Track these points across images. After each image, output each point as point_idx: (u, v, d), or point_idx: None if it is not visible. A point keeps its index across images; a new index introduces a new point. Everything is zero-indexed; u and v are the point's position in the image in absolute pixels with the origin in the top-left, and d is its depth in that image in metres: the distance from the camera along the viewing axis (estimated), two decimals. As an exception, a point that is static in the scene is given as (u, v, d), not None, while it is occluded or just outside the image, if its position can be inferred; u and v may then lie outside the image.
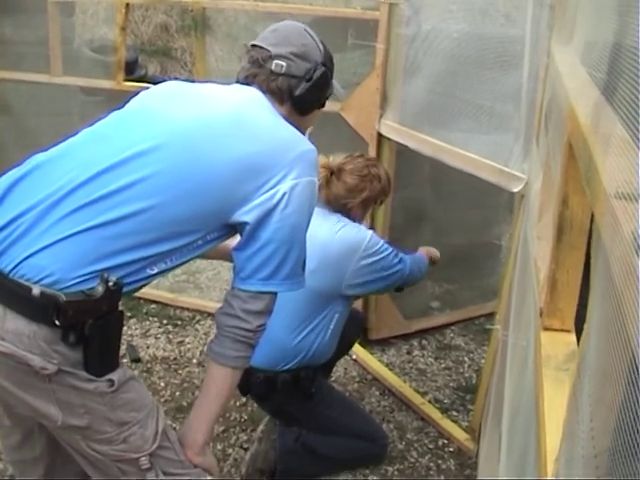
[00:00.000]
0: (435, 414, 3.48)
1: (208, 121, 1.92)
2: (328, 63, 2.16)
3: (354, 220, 2.93)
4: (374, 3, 3.51)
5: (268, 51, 2.07)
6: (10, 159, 4.55)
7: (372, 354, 3.98)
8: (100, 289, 1.74)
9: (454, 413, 3.55)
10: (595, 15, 1.44)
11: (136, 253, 1.80)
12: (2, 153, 4.61)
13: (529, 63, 2.67)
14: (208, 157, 1.85)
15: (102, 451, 1.88)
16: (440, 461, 3.21)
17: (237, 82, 2.11)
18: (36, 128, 4.74)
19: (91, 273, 1.75)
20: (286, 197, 1.86)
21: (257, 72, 2.07)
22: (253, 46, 2.11)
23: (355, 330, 3.38)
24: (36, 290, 1.71)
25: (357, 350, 3.91)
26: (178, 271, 1.72)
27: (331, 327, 2.89)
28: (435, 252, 3.29)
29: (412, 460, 3.20)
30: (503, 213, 4.47)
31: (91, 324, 1.74)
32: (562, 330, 1.57)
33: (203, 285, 4.76)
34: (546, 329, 1.57)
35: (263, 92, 2.06)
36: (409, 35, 3.38)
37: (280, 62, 2.05)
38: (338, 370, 3.77)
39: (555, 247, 1.52)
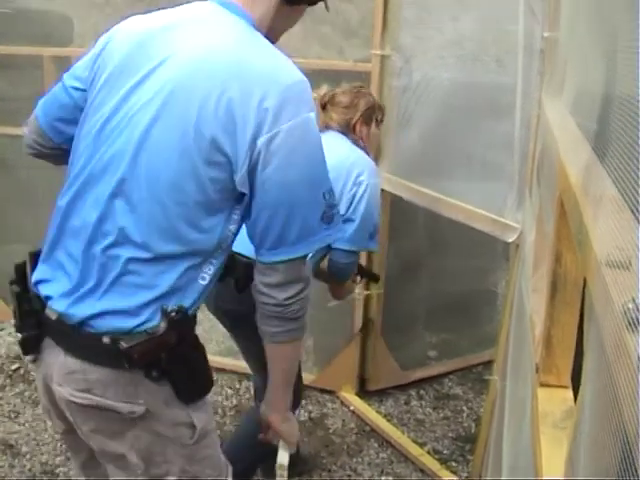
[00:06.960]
0: (434, 465, 3.44)
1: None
2: None
3: (360, 140, 2.96)
4: (367, 55, 3.54)
5: None
6: (4, 212, 4.52)
7: (370, 405, 3.94)
8: (162, 325, 1.65)
9: (453, 464, 3.51)
10: (583, 66, 1.45)
11: (179, 264, 1.68)
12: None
13: (520, 111, 2.68)
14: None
15: None
16: (440, 514, 3.17)
17: None
18: (30, 181, 4.74)
19: (148, 306, 1.66)
20: (262, 155, 1.60)
21: None
22: None
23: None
24: (106, 339, 1.64)
25: (355, 402, 3.88)
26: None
27: None
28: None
29: (412, 514, 3.16)
30: (499, 260, 4.46)
31: (166, 358, 1.67)
32: (559, 386, 1.56)
33: (200, 337, 4.72)
34: (543, 385, 1.56)
35: None
36: (401, 86, 3.40)
37: None
38: (336, 422, 3.74)
39: (549, 304, 1.52)
